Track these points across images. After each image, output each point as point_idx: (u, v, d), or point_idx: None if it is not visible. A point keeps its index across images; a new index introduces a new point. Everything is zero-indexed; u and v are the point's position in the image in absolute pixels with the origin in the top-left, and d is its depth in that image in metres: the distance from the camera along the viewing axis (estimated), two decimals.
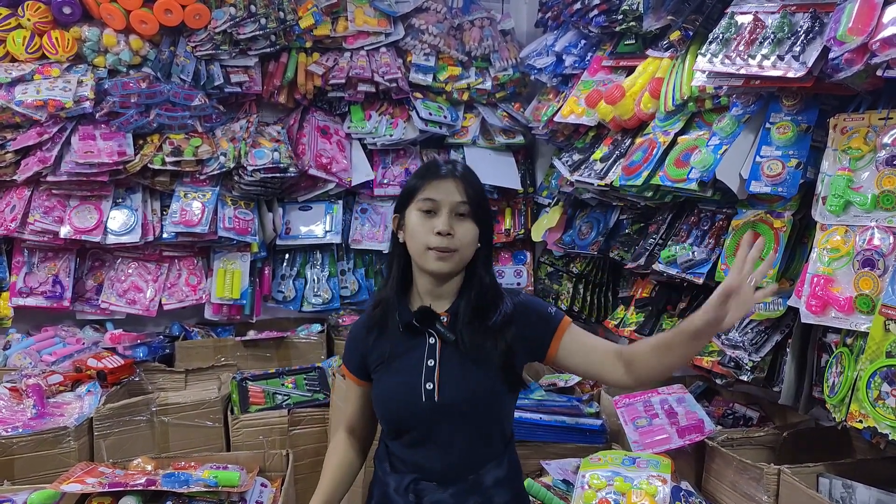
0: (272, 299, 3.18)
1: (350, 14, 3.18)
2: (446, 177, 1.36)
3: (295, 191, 3.20)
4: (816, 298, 1.62)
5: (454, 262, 1.35)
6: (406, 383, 1.37)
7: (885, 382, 1.44)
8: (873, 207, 1.57)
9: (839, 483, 1.62)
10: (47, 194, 2.79)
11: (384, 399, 1.42)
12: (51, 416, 2.16)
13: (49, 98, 2.68)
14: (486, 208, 1.39)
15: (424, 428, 1.37)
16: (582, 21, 2.83)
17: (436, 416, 1.35)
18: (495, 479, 1.38)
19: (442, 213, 1.33)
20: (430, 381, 1.36)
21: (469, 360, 1.36)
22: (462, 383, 1.36)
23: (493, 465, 1.38)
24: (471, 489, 1.36)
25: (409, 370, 1.37)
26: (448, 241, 1.32)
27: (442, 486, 1.36)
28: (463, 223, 1.35)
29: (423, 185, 1.36)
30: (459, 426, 1.36)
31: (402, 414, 1.38)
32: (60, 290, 2.83)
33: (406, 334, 1.39)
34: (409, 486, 1.36)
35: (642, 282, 2.57)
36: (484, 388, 1.36)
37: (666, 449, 1.88)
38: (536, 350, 1.42)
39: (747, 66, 1.78)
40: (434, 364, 1.37)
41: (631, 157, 2.38)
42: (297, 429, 2.28)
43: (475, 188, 1.37)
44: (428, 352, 1.38)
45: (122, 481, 1.62)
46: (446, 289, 1.40)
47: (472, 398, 1.36)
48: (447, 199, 1.34)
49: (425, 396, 1.35)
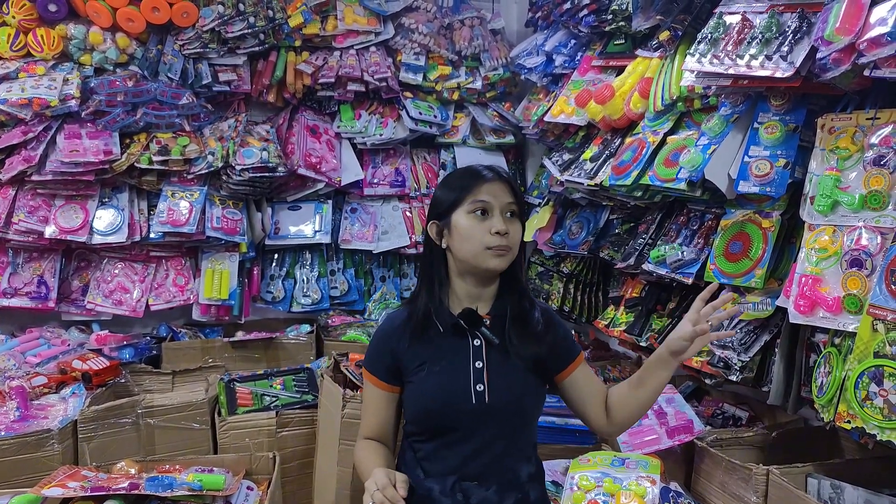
0: (261, 300, 3.16)
1: (340, 13, 3.16)
2: (494, 180, 1.42)
3: (284, 190, 3.18)
4: (805, 298, 1.62)
5: (509, 261, 1.41)
6: (454, 385, 1.39)
7: (873, 382, 1.43)
8: (861, 207, 1.57)
9: (827, 483, 1.62)
10: (32, 194, 2.75)
11: (428, 400, 1.41)
12: (34, 418, 2.13)
13: (34, 96, 2.65)
14: (525, 210, 1.48)
15: (469, 429, 1.39)
16: (572, 21, 2.83)
17: (483, 416, 1.39)
18: (529, 474, 1.44)
19: (495, 213, 1.39)
20: (481, 382, 1.39)
21: (514, 362, 1.41)
22: (511, 385, 1.41)
23: (525, 463, 1.44)
24: (510, 486, 1.40)
25: (456, 372, 1.40)
26: (506, 239, 1.38)
27: (483, 484, 1.39)
28: (513, 223, 1.41)
29: (471, 189, 1.41)
30: (503, 426, 1.40)
31: (450, 415, 1.40)
32: (45, 291, 2.80)
33: (449, 337, 1.42)
34: (454, 487, 1.37)
35: (632, 282, 2.57)
36: (529, 388, 1.44)
37: (655, 449, 1.88)
38: (554, 366, 1.48)
39: (735, 66, 1.78)
40: (482, 366, 1.40)
41: (620, 157, 2.38)
42: (285, 431, 2.26)
43: (518, 190, 1.46)
44: (474, 354, 1.41)
45: (104, 485, 1.60)
46: (488, 291, 1.46)
47: (519, 399, 1.42)
48: (498, 200, 1.40)
49: (476, 398, 1.38)
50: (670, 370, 1.43)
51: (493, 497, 1.38)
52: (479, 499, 1.38)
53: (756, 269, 1.88)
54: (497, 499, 1.38)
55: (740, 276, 1.92)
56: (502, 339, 1.42)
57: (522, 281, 1.48)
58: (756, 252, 1.90)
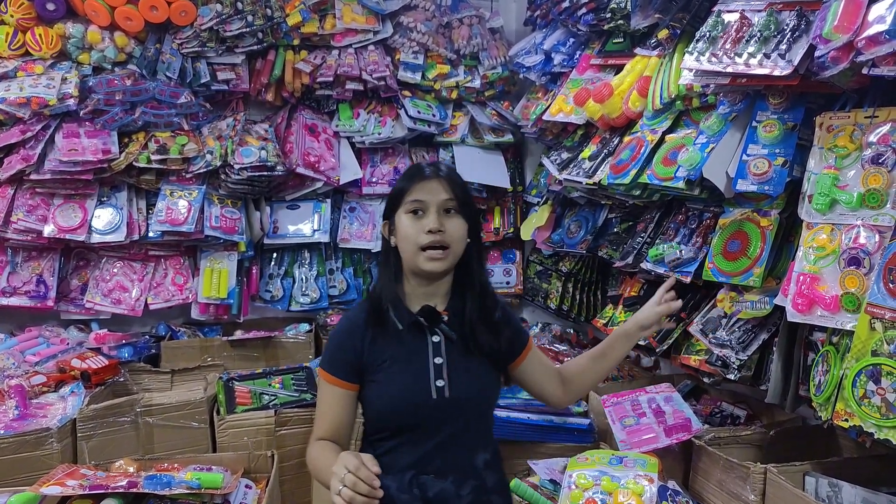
0: (260, 299, 3.16)
1: (338, 11, 3.15)
2: (431, 177, 1.44)
3: (282, 189, 3.18)
4: (802, 297, 1.62)
5: (447, 261, 1.42)
6: (416, 382, 1.42)
7: (871, 381, 1.43)
8: (859, 206, 1.57)
9: (825, 482, 1.62)
10: (31, 193, 2.75)
11: (390, 397, 1.43)
12: (33, 417, 2.13)
13: (32, 95, 2.65)
14: (472, 205, 1.48)
15: (430, 424, 1.42)
16: (570, 19, 2.83)
17: (444, 411, 1.42)
18: (485, 461, 1.48)
19: (430, 211, 1.41)
20: (441, 378, 1.42)
21: (473, 356, 1.46)
22: (470, 379, 1.45)
23: (481, 450, 1.48)
24: (467, 474, 1.44)
25: (417, 369, 1.43)
26: (440, 237, 1.40)
27: (440, 476, 1.41)
28: (451, 219, 1.43)
29: (409, 189, 1.43)
30: (463, 419, 1.44)
31: (412, 412, 1.42)
32: (44, 290, 2.80)
33: (408, 334, 1.44)
34: (411, 482, 1.39)
35: (631, 280, 2.57)
36: (488, 381, 1.51)
37: (653, 448, 1.88)
38: (508, 356, 1.57)
39: (734, 65, 1.78)
40: (442, 362, 1.43)
41: (619, 156, 2.38)
42: (283, 429, 2.26)
43: (460, 185, 1.46)
44: (434, 350, 1.44)
45: (103, 483, 1.60)
46: (439, 289, 1.49)
47: (480, 392, 1.48)
48: (434, 198, 1.42)
49: (436, 393, 1.41)
50: (633, 343, 1.66)
51: (450, 487, 1.41)
52: (437, 490, 1.40)
53: (754, 267, 1.89)
54: (454, 489, 1.41)
55: (738, 274, 1.92)
56: (461, 334, 1.45)
57: (479, 276, 1.50)
58: (754, 251, 1.90)
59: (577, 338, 3.11)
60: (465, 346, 1.45)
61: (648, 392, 2.12)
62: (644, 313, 1.68)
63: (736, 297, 1.96)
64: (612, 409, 2.08)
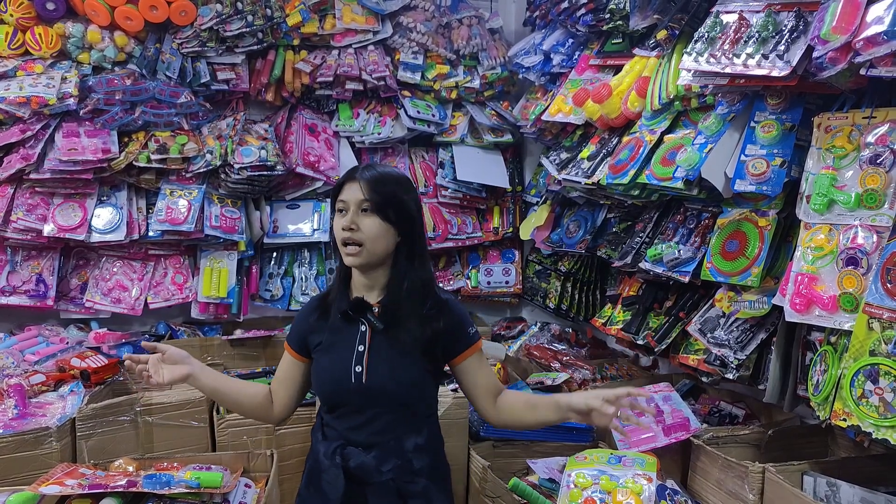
0: (259, 298, 3.16)
1: (338, 12, 3.16)
2: (353, 179, 1.57)
3: (282, 189, 3.18)
4: (801, 297, 1.63)
5: (363, 256, 1.55)
6: (338, 365, 1.57)
7: (869, 381, 1.44)
8: (857, 206, 1.58)
9: (823, 481, 1.63)
10: (30, 192, 2.75)
11: (320, 376, 1.63)
12: (33, 416, 2.13)
13: (32, 95, 2.65)
14: (395, 206, 1.56)
15: (354, 405, 1.57)
16: (569, 20, 2.84)
17: (364, 395, 1.55)
18: (415, 445, 1.57)
19: (350, 210, 1.55)
20: (360, 364, 1.56)
21: (395, 348, 1.55)
22: (387, 369, 1.55)
23: (413, 434, 1.58)
24: (391, 453, 1.55)
25: (342, 353, 1.58)
26: (351, 234, 1.53)
27: (366, 450, 1.55)
28: (366, 218, 1.54)
29: (338, 190, 1.59)
30: (384, 405, 1.56)
31: (334, 391, 1.59)
32: (44, 289, 2.80)
33: (343, 321, 1.60)
34: (336, 451, 1.56)
35: (629, 280, 2.57)
36: (408, 374, 1.56)
37: (652, 447, 1.88)
38: (446, 352, 1.62)
39: (732, 65, 1.78)
40: (364, 350, 1.57)
41: (618, 156, 2.38)
42: (283, 428, 2.26)
43: (379, 188, 1.55)
44: (359, 338, 1.58)
45: (102, 483, 1.60)
46: (374, 281, 1.61)
47: (395, 383, 1.55)
48: (353, 198, 1.55)
49: (354, 378, 1.55)
50: (560, 418, 1.58)
51: (371, 462, 1.53)
52: (358, 462, 1.53)
53: (752, 267, 1.89)
54: (375, 463, 1.53)
55: (737, 274, 1.92)
56: (387, 325, 1.55)
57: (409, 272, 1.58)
58: (752, 250, 1.91)
59: (577, 337, 3.12)
60: (392, 338, 1.55)
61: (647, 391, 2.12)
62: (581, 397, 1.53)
63: (734, 297, 1.97)
64: None
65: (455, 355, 1.63)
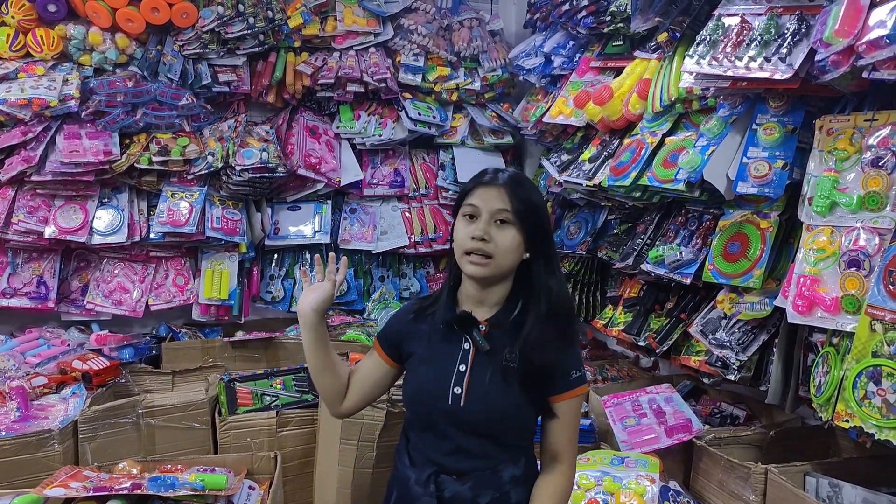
0: (260, 300, 3.16)
1: (339, 14, 3.16)
2: (489, 184, 1.40)
3: (284, 191, 3.19)
4: (803, 298, 1.63)
5: (490, 269, 1.37)
6: (436, 383, 1.41)
7: (871, 382, 1.45)
8: (859, 208, 1.58)
9: (826, 482, 1.63)
10: (32, 194, 2.75)
11: (414, 389, 1.47)
12: (35, 418, 2.13)
13: (34, 97, 2.65)
14: (534, 218, 1.39)
15: (447, 427, 1.41)
16: (570, 22, 2.84)
17: (459, 419, 1.39)
18: (512, 476, 1.41)
19: (482, 219, 1.37)
20: (459, 385, 1.39)
21: (499, 373, 1.38)
22: (488, 393, 1.38)
23: (510, 465, 1.42)
24: (487, 484, 1.39)
25: (442, 369, 1.42)
26: (483, 245, 1.35)
27: (459, 478, 1.40)
28: (502, 229, 1.37)
29: (468, 192, 1.42)
30: (482, 430, 1.40)
31: (429, 411, 1.43)
32: (45, 291, 2.80)
33: (444, 335, 1.44)
34: (430, 478, 1.40)
35: (630, 282, 2.58)
36: (508, 404, 1.39)
37: (654, 448, 1.89)
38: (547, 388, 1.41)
39: (734, 68, 1.79)
40: (465, 370, 1.40)
41: (619, 158, 2.39)
42: (285, 430, 2.27)
43: (520, 197, 1.38)
44: (461, 357, 1.41)
45: (106, 485, 1.60)
46: (489, 297, 1.43)
47: (494, 412, 1.38)
48: (488, 206, 1.37)
49: (451, 399, 1.39)
50: None
51: (468, 493, 1.38)
52: (453, 492, 1.39)
53: (754, 269, 1.90)
54: (471, 495, 1.38)
55: (738, 276, 1.93)
56: (494, 346, 1.38)
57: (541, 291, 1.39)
58: (754, 252, 1.91)
59: None
60: (497, 361, 1.37)
61: (649, 392, 2.13)
62: None
63: (736, 299, 1.97)
64: (612, 410, 2.09)
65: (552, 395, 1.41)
